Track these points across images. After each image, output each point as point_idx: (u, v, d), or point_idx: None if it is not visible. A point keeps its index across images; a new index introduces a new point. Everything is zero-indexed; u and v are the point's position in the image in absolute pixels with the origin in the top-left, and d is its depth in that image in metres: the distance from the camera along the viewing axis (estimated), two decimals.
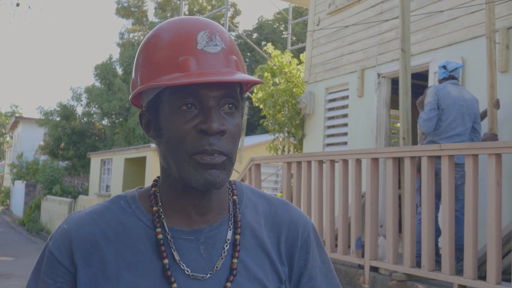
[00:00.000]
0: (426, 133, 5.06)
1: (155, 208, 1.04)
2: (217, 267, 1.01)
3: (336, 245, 5.40)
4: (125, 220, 1.04)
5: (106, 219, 1.04)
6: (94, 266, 1.00)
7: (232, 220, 1.07)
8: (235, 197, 1.10)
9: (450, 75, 5.09)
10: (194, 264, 1.01)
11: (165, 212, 1.04)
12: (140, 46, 1.05)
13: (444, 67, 5.11)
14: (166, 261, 0.99)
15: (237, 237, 1.05)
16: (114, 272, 1.00)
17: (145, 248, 1.01)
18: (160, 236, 1.01)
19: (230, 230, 1.06)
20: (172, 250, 1.01)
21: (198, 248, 1.02)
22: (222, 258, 1.02)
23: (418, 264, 4.54)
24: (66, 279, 1.01)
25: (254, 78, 1.00)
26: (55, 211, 19.18)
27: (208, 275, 1.00)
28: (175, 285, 0.98)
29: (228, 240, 1.04)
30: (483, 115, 5.47)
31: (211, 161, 0.97)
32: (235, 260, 1.02)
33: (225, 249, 1.03)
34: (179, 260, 1.00)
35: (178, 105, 0.98)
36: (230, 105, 1.00)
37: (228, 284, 1.01)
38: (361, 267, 5.06)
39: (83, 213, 1.06)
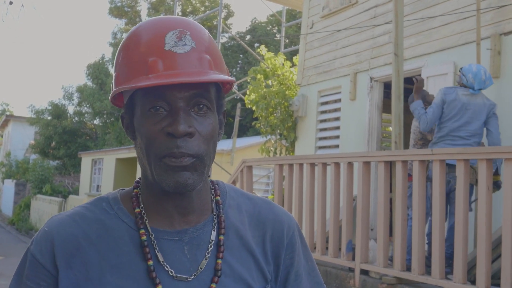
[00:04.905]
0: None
1: (137, 210, 1.03)
2: (201, 268, 1.00)
3: (327, 248, 5.41)
4: (108, 221, 1.03)
5: (88, 221, 1.02)
6: (76, 269, 0.98)
7: (216, 220, 1.06)
8: (218, 197, 1.09)
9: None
10: (178, 265, 1.00)
11: (147, 214, 1.03)
12: (118, 48, 1.05)
13: (480, 89, 4.83)
14: (150, 262, 0.98)
15: (221, 237, 1.04)
16: (97, 275, 0.98)
17: (129, 249, 1.00)
18: (144, 237, 1.00)
19: (214, 231, 1.05)
20: (156, 251, 1.00)
21: (183, 248, 1.01)
22: (206, 259, 1.01)
23: (409, 268, 4.56)
24: (49, 282, 0.99)
25: (224, 76, 0.98)
26: (45, 211, 19.09)
27: (193, 276, 1.00)
28: (160, 286, 0.97)
29: (212, 241, 1.03)
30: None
31: (180, 163, 0.95)
32: (219, 261, 1.02)
33: (209, 249, 1.02)
34: (163, 261, 0.99)
35: (147, 108, 0.97)
36: (201, 106, 0.98)
37: (213, 285, 1.00)
38: (351, 270, 5.08)
39: (65, 215, 1.04)
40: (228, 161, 13.53)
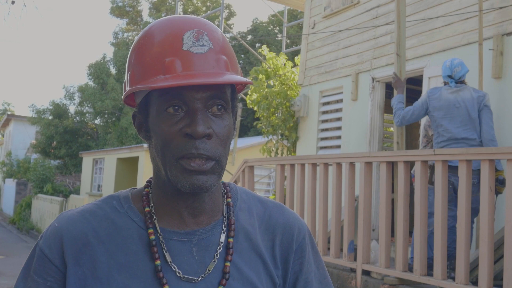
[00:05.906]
0: (396, 125, 5.01)
1: (147, 209, 1.03)
2: (209, 270, 1.00)
3: (329, 248, 5.40)
4: (117, 220, 1.02)
5: (98, 218, 1.03)
6: (84, 266, 0.98)
7: (226, 223, 1.05)
8: (229, 199, 1.08)
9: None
10: (186, 266, 0.99)
11: (157, 213, 1.03)
12: (131, 47, 1.04)
13: (449, 76, 4.78)
14: (158, 262, 0.98)
15: (230, 240, 1.03)
16: (105, 273, 0.98)
17: (137, 248, 1.00)
18: (153, 237, 1.00)
19: (224, 233, 1.04)
20: (164, 251, 0.99)
21: (191, 250, 1.01)
22: (214, 261, 1.01)
23: (410, 269, 4.55)
24: (57, 278, 0.99)
25: (242, 78, 0.97)
26: (46, 210, 19.11)
27: (200, 278, 0.99)
28: (166, 286, 0.97)
29: (221, 243, 1.03)
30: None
31: (199, 167, 0.95)
32: (227, 264, 1.01)
33: (218, 252, 1.02)
34: (170, 262, 0.99)
35: (164, 108, 0.96)
36: (219, 107, 0.97)
37: None
38: (353, 270, 5.07)
39: (75, 211, 1.05)
40: (230, 161, 13.54)
